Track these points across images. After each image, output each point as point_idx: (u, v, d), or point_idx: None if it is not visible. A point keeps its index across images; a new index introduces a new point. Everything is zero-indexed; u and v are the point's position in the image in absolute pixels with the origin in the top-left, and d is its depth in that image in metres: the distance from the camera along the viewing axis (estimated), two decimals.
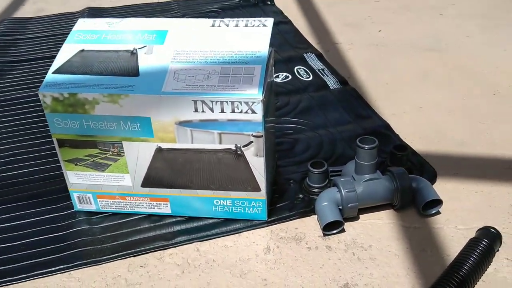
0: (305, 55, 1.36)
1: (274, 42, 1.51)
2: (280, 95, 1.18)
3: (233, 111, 0.72)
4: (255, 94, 0.71)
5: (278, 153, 0.97)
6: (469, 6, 1.61)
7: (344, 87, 1.20)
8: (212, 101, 0.71)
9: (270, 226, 0.81)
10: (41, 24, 1.64)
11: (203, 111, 0.72)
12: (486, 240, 0.72)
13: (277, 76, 1.27)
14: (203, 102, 0.71)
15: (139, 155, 0.77)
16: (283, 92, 1.20)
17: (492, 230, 0.74)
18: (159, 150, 0.76)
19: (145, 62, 0.76)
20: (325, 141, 1.01)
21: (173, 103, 0.72)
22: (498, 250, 0.74)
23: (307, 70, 1.29)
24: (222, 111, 0.72)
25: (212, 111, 0.72)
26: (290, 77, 1.27)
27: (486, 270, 0.71)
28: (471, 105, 1.11)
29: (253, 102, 0.71)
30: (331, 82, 1.22)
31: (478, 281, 0.69)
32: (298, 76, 1.27)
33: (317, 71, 1.28)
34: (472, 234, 0.76)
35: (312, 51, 1.38)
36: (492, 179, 0.89)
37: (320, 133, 1.04)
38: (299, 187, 0.88)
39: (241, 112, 0.71)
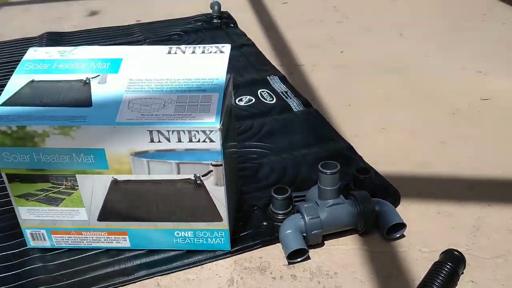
0: (268, 77, 1.36)
1: (238, 64, 1.51)
2: (243, 119, 1.17)
3: (190, 141, 0.70)
4: (213, 122, 0.69)
5: (241, 179, 0.95)
6: (428, 26, 1.64)
7: (308, 109, 1.20)
8: (168, 131, 0.69)
9: (234, 256, 0.79)
10: None
11: (159, 141, 0.70)
12: (450, 264, 0.71)
13: (241, 100, 1.26)
14: (159, 132, 0.69)
15: (94, 188, 0.74)
16: (246, 115, 1.18)
17: (456, 253, 0.74)
18: (115, 182, 0.73)
19: (98, 92, 0.74)
20: (289, 165, 1.00)
21: (128, 134, 0.69)
22: (462, 273, 0.74)
23: (271, 93, 1.29)
24: (179, 140, 0.70)
25: (169, 141, 0.70)
26: (254, 100, 1.26)
27: None
28: (432, 125, 1.12)
29: (211, 131, 0.69)
30: (295, 105, 1.22)
31: None
32: (262, 99, 1.26)
33: (280, 93, 1.28)
34: (436, 256, 0.76)
35: (276, 73, 1.38)
36: (454, 200, 0.89)
37: (284, 157, 1.03)
38: (263, 214, 0.87)
39: (198, 141, 0.70)
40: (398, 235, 0.81)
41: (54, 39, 1.63)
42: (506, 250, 0.78)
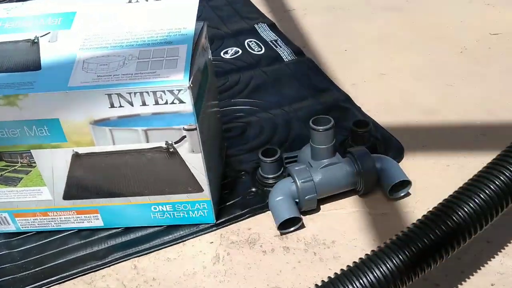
0: (256, 26, 1.24)
1: (222, 14, 1.38)
2: (229, 73, 1.06)
3: (156, 103, 0.60)
4: (181, 80, 0.59)
5: (226, 141, 0.86)
6: None
7: (300, 58, 1.09)
8: (130, 93, 0.59)
9: (220, 229, 0.70)
10: None
11: (121, 106, 0.60)
12: None
13: (226, 52, 1.14)
14: (119, 95, 0.59)
15: (54, 164, 0.65)
16: (233, 69, 1.08)
17: None
18: (76, 156, 0.64)
19: (48, 53, 0.63)
20: (279, 122, 0.90)
21: (84, 100, 0.60)
22: None
23: (259, 42, 1.17)
24: (144, 103, 0.60)
25: (132, 105, 0.60)
26: (240, 51, 1.15)
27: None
28: (437, 66, 1.01)
29: (179, 90, 0.59)
30: (285, 54, 1.11)
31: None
32: (249, 49, 1.15)
33: (269, 42, 1.17)
34: None
35: (264, 21, 1.26)
36: (464, 149, 0.80)
37: (274, 113, 0.93)
38: (251, 179, 0.78)
39: (166, 103, 0.60)
40: (402, 194, 0.72)
41: None
42: None
